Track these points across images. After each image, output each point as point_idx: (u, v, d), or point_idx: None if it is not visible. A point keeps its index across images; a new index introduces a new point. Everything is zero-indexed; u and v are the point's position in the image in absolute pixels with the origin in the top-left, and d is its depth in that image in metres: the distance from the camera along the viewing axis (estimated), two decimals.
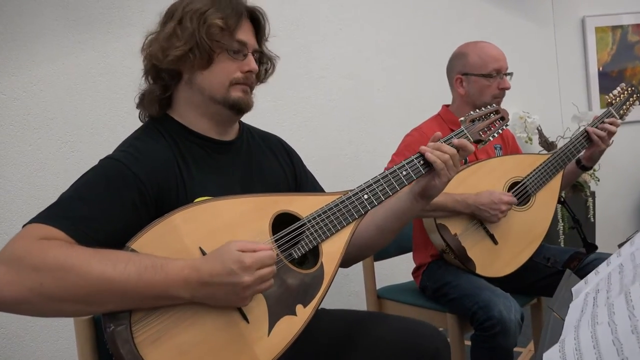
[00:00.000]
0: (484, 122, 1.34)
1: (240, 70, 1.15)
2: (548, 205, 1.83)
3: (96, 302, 0.90)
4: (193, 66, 1.12)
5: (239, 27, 1.14)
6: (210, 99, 1.15)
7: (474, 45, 1.91)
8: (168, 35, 1.10)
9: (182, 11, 1.12)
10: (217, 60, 1.13)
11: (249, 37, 1.17)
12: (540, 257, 1.84)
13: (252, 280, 0.94)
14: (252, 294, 0.97)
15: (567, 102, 3.70)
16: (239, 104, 1.16)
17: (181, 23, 1.11)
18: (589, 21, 3.73)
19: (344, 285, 2.68)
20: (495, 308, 1.55)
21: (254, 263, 0.95)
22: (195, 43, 1.09)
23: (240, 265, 0.93)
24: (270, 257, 0.98)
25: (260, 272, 0.96)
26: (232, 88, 1.15)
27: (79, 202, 0.98)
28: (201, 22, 1.10)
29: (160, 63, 1.11)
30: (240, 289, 0.94)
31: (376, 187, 1.16)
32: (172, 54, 1.09)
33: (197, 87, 1.14)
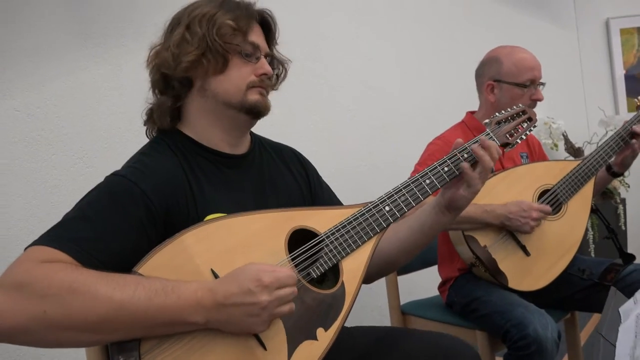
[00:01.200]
0: (510, 123, 1.25)
1: (255, 73, 1.10)
2: (581, 213, 1.74)
3: (103, 330, 0.84)
4: (207, 71, 1.07)
5: (250, 29, 1.10)
6: (226, 105, 1.09)
7: (510, 51, 1.83)
8: (177, 41, 1.06)
9: (188, 17, 1.07)
10: (232, 63, 1.08)
11: (261, 40, 1.13)
12: (574, 269, 1.75)
13: (271, 300, 0.88)
14: (270, 317, 0.89)
15: (592, 107, 3.59)
16: (257, 106, 1.10)
17: (189, 28, 1.06)
18: (613, 23, 3.63)
19: (365, 301, 2.60)
20: (530, 326, 1.46)
21: (273, 282, 0.88)
22: (207, 46, 1.04)
23: (258, 284, 0.87)
24: (291, 277, 0.91)
25: (279, 292, 0.89)
26: (249, 91, 1.10)
27: (83, 223, 0.93)
28: (210, 25, 1.05)
29: (172, 71, 1.06)
30: (259, 309, 0.87)
31: (398, 197, 1.09)
32: (184, 60, 1.04)
33: (211, 94, 1.09)
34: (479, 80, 1.89)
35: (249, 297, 0.87)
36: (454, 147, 1.15)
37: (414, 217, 1.18)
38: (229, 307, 0.87)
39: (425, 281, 2.12)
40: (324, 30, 2.62)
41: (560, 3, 3.54)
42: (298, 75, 2.53)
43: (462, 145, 1.15)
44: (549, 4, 3.49)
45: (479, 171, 1.12)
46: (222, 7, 1.08)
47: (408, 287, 2.12)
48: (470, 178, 1.10)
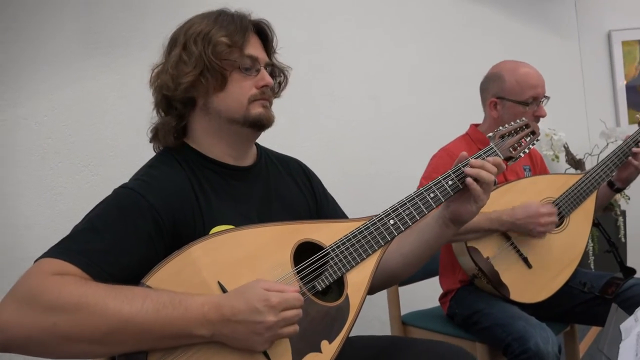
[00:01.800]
0: (513, 137, 1.27)
1: (256, 86, 1.11)
2: (583, 227, 1.75)
3: (112, 342, 0.85)
4: (207, 90, 1.08)
5: (247, 42, 1.10)
6: (229, 121, 1.10)
7: (513, 68, 1.83)
8: (175, 62, 1.07)
9: (184, 36, 1.08)
10: (231, 79, 1.09)
11: (259, 51, 1.13)
12: (575, 282, 1.76)
13: (276, 320, 0.89)
14: (273, 337, 0.90)
15: (594, 119, 3.61)
16: (260, 119, 1.11)
17: (186, 48, 1.07)
18: (615, 35, 3.65)
19: (366, 310, 2.57)
20: (532, 340, 1.47)
21: (280, 303, 0.90)
22: (204, 65, 1.05)
23: (265, 304, 0.88)
24: (298, 300, 0.92)
25: (285, 313, 0.90)
26: (252, 105, 1.11)
27: (92, 235, 0.94)
28: (205, 43, 1.06)
29: (172, 93, 1.08)
30: (263, 328, 0.89)
31: (402, 211, 1.10)
32: (183, 81, 1.06)
33: (214, 111, 1.10)
34: (483, 95, 1.90)
35: (256, 315, 0.88)
36: (457, 161, 1.16)
37: (417, 230, 1.19)
38: (234, 323, 0.88)
39: (426, 292, 2.13)
40: (328, 41, 2.64)
41: (563, 15, 3.57)
42: (302, 85, 2.56)
43: (467, 159, 1.16)
44: (552, 15, 3.51)
45: (482, 186, 1.12)
46: (216, 23, 1.08)
47: (409, 298, 2.12)
48: (476, 193, 1.11)
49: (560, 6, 3.54)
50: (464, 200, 1.13)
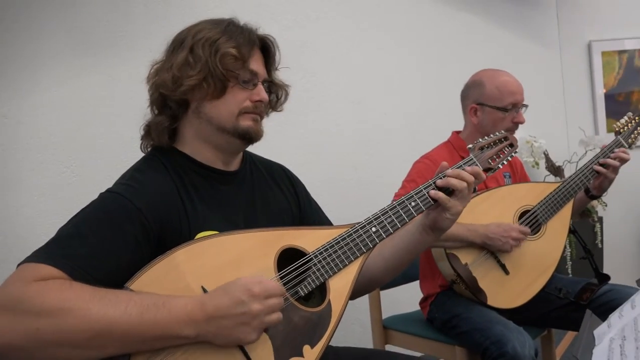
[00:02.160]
0: (492, 149, 1.30)
1: (250, 99, 1.13)
2: (559, 234, 1.80)
3: (96, 346, 0.85)
4: (205, 96, 1.09)
5: (251, 56, 1.12)
6: (219, 129, 1.12)
7: (493, 75, 1.88)
8: (180, 64, 1.07)
9: (192, 39, 1.09)
10: (229, 90, 1.10)
11: (260, 66, 1.15)
12: (551, 288, 1.80)
13: (261, 308, 0.91)
14: (260, 324, 0.92)
15: (573, 127, 3.68)
16: (249, 133, 1.13)
17: (193, 52, 1.08)
18: (595, 45, 3.73)
19: (348, 314, 2.60)
20: (509, 344, 1.50)
21: (262, 291, 0.91)
22: (209, 72, 1.06)
23: (248, 294, 0.90)
24: (278, 288, 0.94)
25: (268, 301, 0.92)
26: (242, 117, 1.12)
27: (78, 239, 0.94)
28: (213, 51, 1.07)
29: (172, 92, 1.08)
30: (250, 317, 0.90)
31: (384, 219, 1.12)
32: (185, 84, 1.07)
33: (205, 117, 1.11)
34: (464, 102, 1.94)
35: (240, 307, 0.89)
36: (439, 171, 1.19)
37: (398, 236, 1.21)
38: (219, 319, 0.89)
39: (407, 296, 2.16)
40: (313, 46, 2.66)
41: (545, 25, 3.63)
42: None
43: (447, 169, 1.19)
44: (534, 25, 3.57)
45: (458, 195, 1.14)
46: (225, 32, 1.10)
47: (390, 302, 2.15)
48: (442, 202, 1.13)
49: (542, 16, 3.61)
50: (442, 209, 1.15)
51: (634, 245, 3.72)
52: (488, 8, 3.36)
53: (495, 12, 3.39)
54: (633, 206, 3.70)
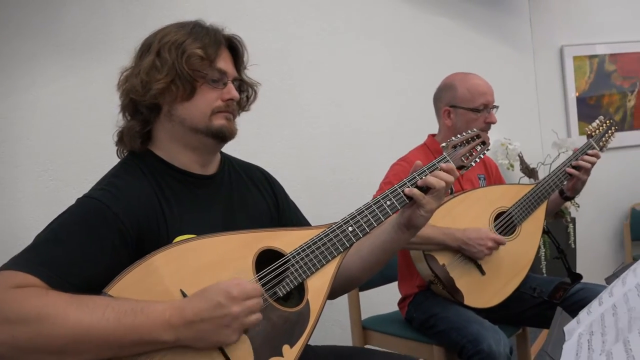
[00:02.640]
0: (465, 147, 1.33)
1: (221, 98, 1.13)
2: (533, 235, 1.84)
3: (73, 352, 0.85)
4: (175, 98, 1.10)
5: (218, 56, 1.12)
6: (192, 130, 1.12)
7: (463, 78, 1.92)
8: (147, 68, 1.08)
9: (158, 43, 1.09)
10: (199, 90, 1.11)
11: (228, 65, 1.16)
12: (526, 287, 1.84)
13: (241, 310, 0.91)
14: (241, 326, 0.92)
15: (547, 129, 3.76)
16: (222, 131, 1.14)
17: (159, 55, 1.08)
18: (567, 50, 3.82)
19: (327, 315, 2.64)
20: (485, 342, 1.53)
21: (241, 293, 0.92)
22: (176, 74, 1.07)
23: (227, 297, 0.91)
24: (256, 289, 0.96)
25: (247, 302, 0.93)
26: (214, 116, 1.13)
27: (55, 246, 0.94)
28: (179, 53, 1.08)
29: (141, 97, 1.09)
30: (230, 320, 0.91)
31: (360, 218, 1.14)
32: (154, 87, 1.07)
33: (177, 119, 1.12)
34: (437, 105, 1.98)
35: (220, 310, 0.90)
36: (412, 170, 1.21)
37: (375, 235, 1.23)
38: (199, 323, 0.90)
39: (385, 297, 2.18)
40: (293, 49, 2.68)
41: (519, 30, 3.71)
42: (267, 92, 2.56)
43: (421, 167, 1.21)
44: (508, 30, 3.64)
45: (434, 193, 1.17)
46: (191, 34, 1.10)
47: (369, 303, 2.17)
48: (417, 198, 1.15)
49: (516, 21, 3.69)
50: (417, 207, 1.17)
51: (605, 245, 3.81)
52: (464, 13, 3.42)
53: (471, 17, 3.45)
54: (605, 207, 3.79)
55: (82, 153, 2.08)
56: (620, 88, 3.97)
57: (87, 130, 2.09)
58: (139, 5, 2.24)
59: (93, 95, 2.12)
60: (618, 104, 3.98)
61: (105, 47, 2.15)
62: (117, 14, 2.20)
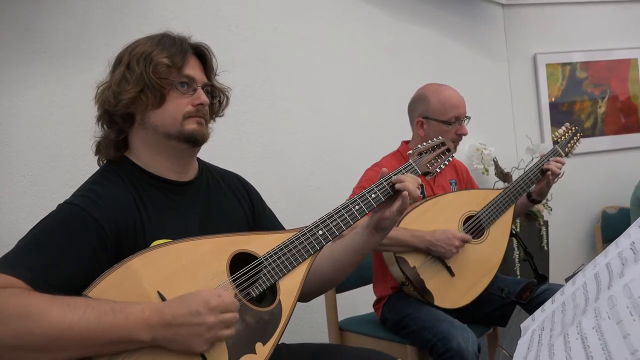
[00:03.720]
0: (431, 154, 1.40)
1: (192, 104, 1.18)
2: (501, 238, 1.91)
3: (55, 349, 0.89)
4: (146, 106, 1.14)
5: (186, 63, 1.17)
6: (165, 136, 1.17)
7: (436, 90, 1.98)
8: (118, 80, 1.13)
9: (128, 56, 1.15)
10: (169, 97, 1.16)
11: (197, 72, 1.20)
12: (494, 288, 1.91)
13: (216, 321, 0.96)
14: (213, 338, 0.97)
15: (521, 135, 3.86)
16: (194, 135, 1.18)
17: (129, 67, 1.14)
18: (540, 58, 3.93)
19: (305, 317, 2.69)
20: (454, 340, 1.60)
21: (219, 305, 0.97)
22: (145, 83, 1.12)
23: (205, 306, 0.95)
24: (235, 304, 1.00)
25: (224, 315, 0.97)
26: (186, 121, 1.17)
27: (36, 250, 0.98)
28: (147, 63, 1.13)
29: (114, 108, 1.14)
30: (204, 329, 0.95)
31: (330, 222, 1.20)
32: (124, 98, 1.12)
33: (150, 126, 1.16)
34: (410, 115, 2.05)
35: (196, 317, 0.95)
36: (380, 176, 1.28)
37: (347, 238, 1.29)
38: (175, 326, 0.94)
39: (361, 299, 2.24)
40: (271, 56, 2.73)
41: (494, 37, 3.81)
42: (246, 99, 2.63)
43: (388, 174, 1.28)
44: (483, 38, 3.74)
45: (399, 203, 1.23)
46: (159, 45, 1.16)
47: (345, 305, 2.23)
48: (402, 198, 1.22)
49: (491, 30, 3.79)
50: (385, 211, 1.23)
51: (577, 247, 3.92)
52: (440, 22, 3.50)
53: (446, 26, 3.54)
54: (576, 210, 3.91)
55: (62, 159, 2.10)
56: (592, 95, 4.10)
57: (66, 136, 2.12)
58: (119, 12, 2.27)
59: (72, 102, 2.14)
60: (589, 111, 4.10)
61: (85, 54, 2.18)
62: (97, 21, 2.22)
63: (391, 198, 1.25)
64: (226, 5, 2.59)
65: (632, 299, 0.61)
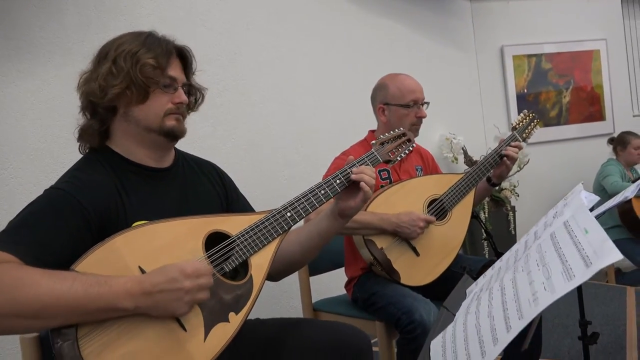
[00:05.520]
0: (392, 144, 1.51)
1: (172, 102, 1.28)
2: (463, 219, 2.04)
3: (45, 317, 0.98)
4: (130, 101, 1.24)
5: (169, 64, 1.27)
6: (146, 129, 1.27)
7: (394, 77, 2.11)
8: (105, 74, 1.22)
9: (115, 52, 1.23)
10: (152, 95, 1.25)
11: (178, 72, 1.30)
12: (457, 267, 2.03)
13: (192, 285, 1.06)
14: (191, 300, 1.07)
15: (489, 124, 4.02)
16: (173, 131, 1.29)
17: (116, 63, 1.22)
18: (507, 50, 4.09)
19: (283, 300, 2.80)
20: (417, 312, 1.72)
21: (194, 271, 1.07)
22: (131, 81, 1.21)
23: (182, 273, 1.06)
24: (207, 269, 1.11)
25: (199, 280, 1.08)
26: (166, 118, 1.27)
27: (26, 229, 1.07)
28: (134, 62, 1.22)
29: (99, 100, 1.22)
30: (183, 293, 1.05)
31: (297, 205, 1.31)
32: (110, 92, 1.21)
33: (133, 120, 1.26)
34: (373, 104, 2.16)
35: (174, 283, 1.05)
36: (346, 164, 1.39)
37: (313, 222, 1.41)
38: (155, 294, 1.04)
39: (334, 281, 2.36)
40: (245, 49, 2.81)
41: (462, 30, 3.95)
42: (221, 92, 2.72)
43: (352, 162, 1.39)
44: (451, 31, 3.87)
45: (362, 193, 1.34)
46: (144, 44, 1.25)
47: (320, 287, 2.34)
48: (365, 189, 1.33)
49: (459, 23, 3.92)
50: (348, 197, 1.35)
51: None
52: (409, 15, 3.62)
53: (416, 19, 3.66)
54: (543, 196, 4.08)
55: (43, 151, 2.17)
56: (556, 85, 4.27)
57: (45, 130, 2.18)
58: (95, 10, 2.33)
59: (49, 97, 2.20)
60: (554, 100, 4.28)
61: (61, 50, 2.24)
62: (73, 18, 2.29)
63: (354, 187, 1.35)
64: (199, 1, 2.67)
65: (540, 254, 0.73)
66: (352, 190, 1.36)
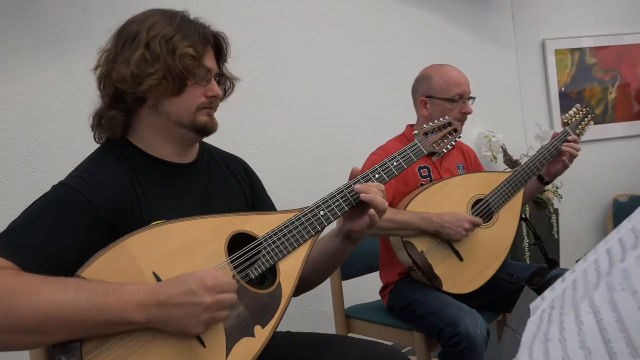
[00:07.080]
0: (437, 134, 1.35)
1: (205, 95, 1.15)
2: (511, 222, 1.87)
3: (45, 332, 0.86)
4: (164, 94, 1.10)
5: (206, 54, 1.14)
6: (177, 124, 1.14)
7: (439, 69, 1.94)
8: (138, 61, 1.07)
9: (147, 36, 1.08)
10: (187, 87, 1.12)
11: (212, 63, 1.17)
12: (504, 274, 1.87)
13: (213, 301, 0.92)
14: (210, 319, 0.93)
15: (530, 122, 3.80)
16: (205, 127, 1.16)
17: (149, 49, 1.07)
18: (549, 44, 3.86)
19: (312, 306, 2.66)
20: (462, 324, 1.56)
21: (216, 285, 0.93)
22: (168, 71, 1.07)
23: (201, 285, 0.92)
24: (232, 285, 0.96)
25: (221, 296, 0.94)
26: (199, 113, 1.15)
27: (29, 231, 0.95)
28: (170, 49, 1.07)
29: (131, 89, 1.08)
30: (200, 310, 0.92)
31: (332, 202, 1.16)
32: (146, 83, 1.07)
33: (164, 113, 1.13)
34: (414, 97, 2.00)
35: (192, 297, 0.91)
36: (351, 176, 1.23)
37: (323, 242, 1.25)
38: (171, 306, 0.91)
39: (368, 286, 2.21)
40: (275, 42, 2.69)
41: (501, 25, 3.75)
42: (250, 85, 2.60)
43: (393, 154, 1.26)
44: (491, 25, 3.68)
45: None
46: (180, 29, 1.10)
47: (352, 292, 2.20)
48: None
49: (499, 16, 3.72)
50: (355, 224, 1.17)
51: (588, 236, 3.86)
52: (446, 8, 3.45)
53: (453, 11, 3.48)
54: (587, 199, 3.85)
55: (64, 145, 2.09)
56: (602, 81, 4.02)
57: (67, 123, 2.10)
58: None
59: (73, 89, 2.12)
60: (600, 97, 4.03)
61: (85, 39, 2.16)
62: (96, 5, 2.20)
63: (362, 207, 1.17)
64: None
65: None
66: (360, 215, 1.17)
